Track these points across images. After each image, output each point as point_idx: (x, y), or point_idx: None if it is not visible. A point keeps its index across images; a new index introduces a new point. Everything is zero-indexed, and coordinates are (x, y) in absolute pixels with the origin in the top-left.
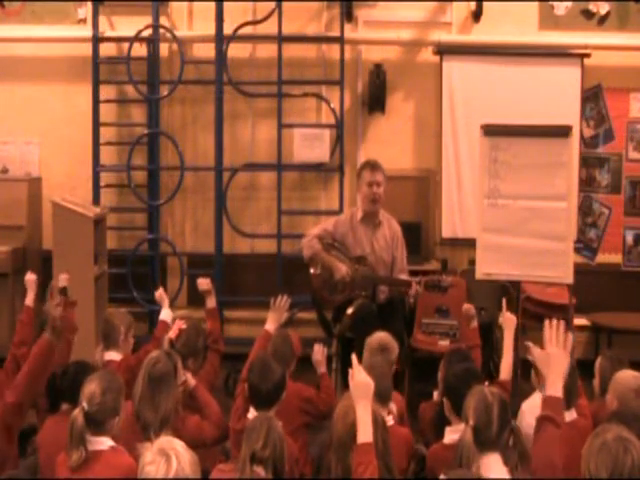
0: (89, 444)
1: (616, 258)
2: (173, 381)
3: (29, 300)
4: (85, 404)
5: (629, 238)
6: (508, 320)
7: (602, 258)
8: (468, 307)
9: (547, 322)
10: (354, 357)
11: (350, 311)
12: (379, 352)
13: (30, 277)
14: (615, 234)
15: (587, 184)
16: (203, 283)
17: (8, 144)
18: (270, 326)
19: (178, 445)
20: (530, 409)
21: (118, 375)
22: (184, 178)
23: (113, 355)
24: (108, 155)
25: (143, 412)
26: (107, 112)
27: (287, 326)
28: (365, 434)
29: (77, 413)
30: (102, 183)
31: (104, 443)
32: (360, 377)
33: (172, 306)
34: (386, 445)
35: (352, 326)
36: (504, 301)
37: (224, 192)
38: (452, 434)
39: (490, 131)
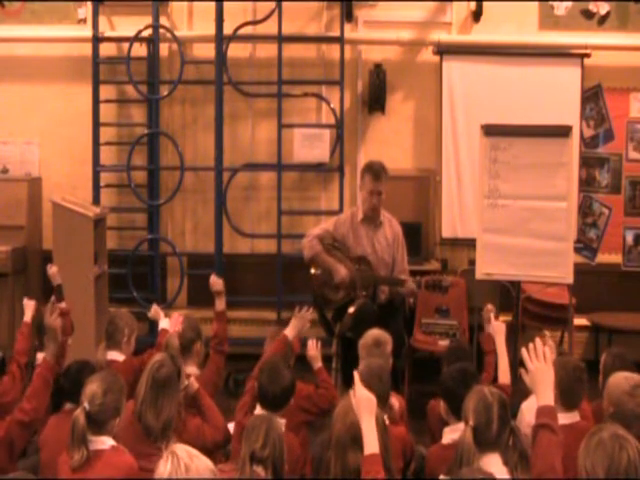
0: (90, 444)
1: (616, 258)
2: (176, 385)
3: (27, 317)
4: (86, 404)
5: (629, 238)
6: (497, 327)
7: (602, 258)
8: (490, 308)
9: (523, 350)
10: (356, 374)
11: (351, 311)
12: (375, 347)
13: (29, 302)
14: (615, 234)
15: (587, 184)
16: (216, 284)
17: (8, 144)
18: (290, 332)
19: (196, 458)
20: (529, 409)
21: (119, 375)
22: (184, 178)
23: (115, 355)
24: (108, 155)
25: (145, 416)
26: (107, 112)
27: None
28: (371, 446)
29: (79, 413)
30: (102, 183)
31: (105, 443)
32: (362, 393)
33: (172, 306)
34: (386, 447)
35: (353, 326)
36: (492, 315)
37: (224, 192)
38: (451, 434)
39: (490, 131)
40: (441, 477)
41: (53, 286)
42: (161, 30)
